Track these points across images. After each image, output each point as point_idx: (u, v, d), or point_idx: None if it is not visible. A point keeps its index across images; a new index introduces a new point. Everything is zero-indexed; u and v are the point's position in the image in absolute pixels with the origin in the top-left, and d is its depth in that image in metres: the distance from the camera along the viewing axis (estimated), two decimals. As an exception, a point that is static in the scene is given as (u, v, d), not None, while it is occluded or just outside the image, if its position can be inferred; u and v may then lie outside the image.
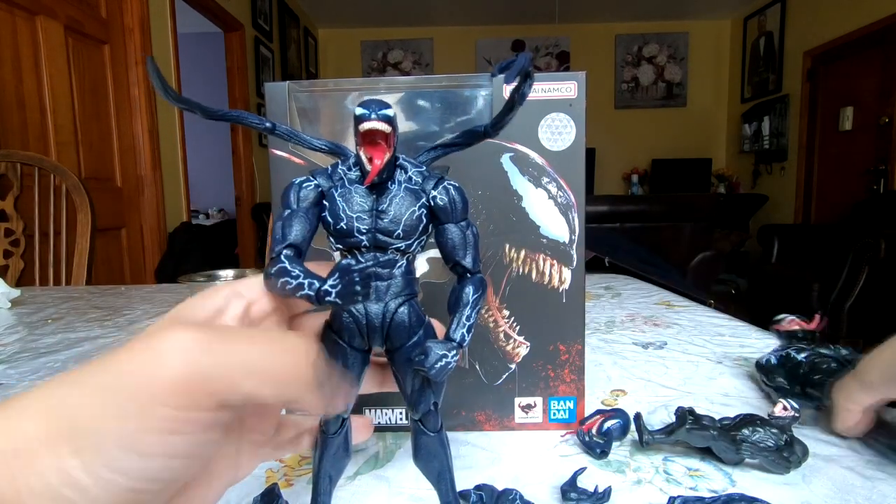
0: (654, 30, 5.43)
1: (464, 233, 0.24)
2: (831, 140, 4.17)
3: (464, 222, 0.24)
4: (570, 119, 0.38)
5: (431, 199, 0.24)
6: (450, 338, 0.24)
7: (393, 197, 0.23)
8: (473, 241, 0.24)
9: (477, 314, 0.24)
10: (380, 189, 0.23)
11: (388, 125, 0.21)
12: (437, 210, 0.24)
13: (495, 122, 0.23)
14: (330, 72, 5.51)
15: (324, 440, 0.25)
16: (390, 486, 0.34)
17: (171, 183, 2.74)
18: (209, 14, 3.25)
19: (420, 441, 0.26)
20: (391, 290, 0.23)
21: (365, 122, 0.21)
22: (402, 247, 0.23)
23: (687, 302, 0.84)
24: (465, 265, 0.24)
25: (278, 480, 0.35)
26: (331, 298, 0.20)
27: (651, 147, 5.48)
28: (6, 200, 1.36)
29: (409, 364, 0.24)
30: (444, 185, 0.24)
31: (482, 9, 5.00)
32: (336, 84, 0.39)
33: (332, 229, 0.23)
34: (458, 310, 0.24)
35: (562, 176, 0.38)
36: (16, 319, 0.81)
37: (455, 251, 0.24)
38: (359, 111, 0.21)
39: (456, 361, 0.23)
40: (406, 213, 0.23)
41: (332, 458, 0.25)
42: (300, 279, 0.21)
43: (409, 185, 0.24)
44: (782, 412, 0.35)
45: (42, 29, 1.94)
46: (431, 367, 0.23)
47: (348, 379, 0.24)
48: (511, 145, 0.38)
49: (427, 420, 0.26)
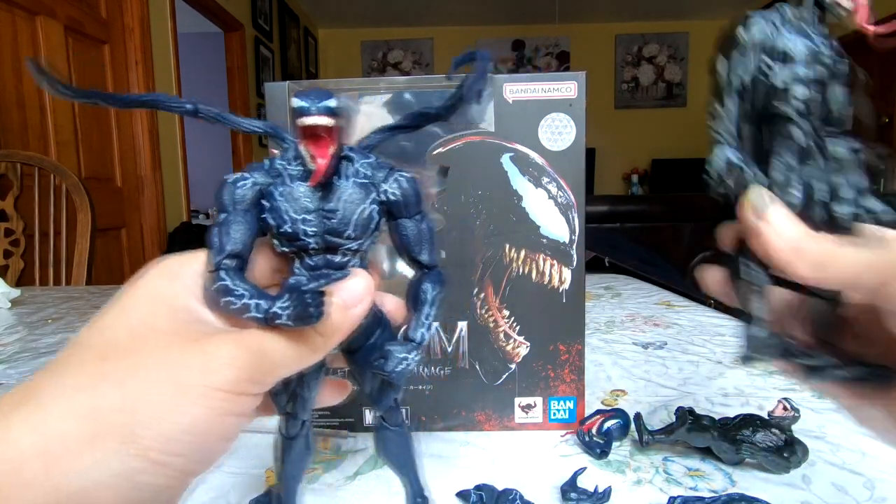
0: (654, 30, 5.43)
1: (419, 227, 0.23)
2: (831, 140, 4.18)
3: (419, 216, 0.23)
4: (570, 119, 0.38)
5: (383, 194, 0.22)
6: (409, 338, 0.23)
7: (341, 194, 0.21)
8: (429, 235, 0.23)
9: (438, 311, 0.23)
10: (326, 186, 0.21)
11: (331, 118, 0.19)
12: (391, 205, 0.22)
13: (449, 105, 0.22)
14: (330, 72, 5.51)
15: (285, 444, 0.25)
16: (390, 486, 0.34)
17: (171, 183, 2.74)
18: (209, 14, 3.25)
19: (383, 435, 0.26)
20: None
21: (305, 116, 0.19)
22: (354, 247, 0.22)
23: (687, 302, 0.84)
24: (422, 260, 0.23)
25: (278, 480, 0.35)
26: (282, 322, 0.19)
27: (651, 147, 5.48)
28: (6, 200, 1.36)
29: (368, 366, 0.23)
30: (396, 178, 0.22)
31: (482, 9, 5.00)
32: (336, 84, 0.39)
33: (276, 231, 0.21)
34: (418, 308, 0.23)
35: (562, 176, 0.38)
36: (16, 319, 0.81)
37: (411, 247, 0.23)
38: (297, 103, 0.19)
39: (416, 362, 0.22)
40: (356, 212, 0.21)
41: (293, 461, 0.25)
42: (245, 300, 0.19)
43: (358, 178, 0.21)
44: (782, 412, 0.35)
45: (42, 29, 1.94)
46: (392, 372, 0.22)
47: None
48: (511, 145, 0.38)
49: (389, 416, 0.26)
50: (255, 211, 0.21)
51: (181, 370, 0.18)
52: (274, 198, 0.21)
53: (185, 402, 0.17)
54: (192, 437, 0.18)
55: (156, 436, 0.17)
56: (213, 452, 0.19)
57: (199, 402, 0.18)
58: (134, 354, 0.18)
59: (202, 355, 0.18)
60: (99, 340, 0.19)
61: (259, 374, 0.19)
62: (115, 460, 0.16)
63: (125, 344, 0.18)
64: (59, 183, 1.36)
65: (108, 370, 0.17)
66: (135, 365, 0.18)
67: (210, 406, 0.18)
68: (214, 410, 0.18)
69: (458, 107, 0.22)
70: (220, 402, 0.18)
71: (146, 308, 0.19)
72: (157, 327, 0.19)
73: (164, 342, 0.18)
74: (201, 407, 0.18)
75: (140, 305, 0.19)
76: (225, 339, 0.19)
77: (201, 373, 0.18)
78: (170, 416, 0.17)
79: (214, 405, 0.18)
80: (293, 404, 0.24)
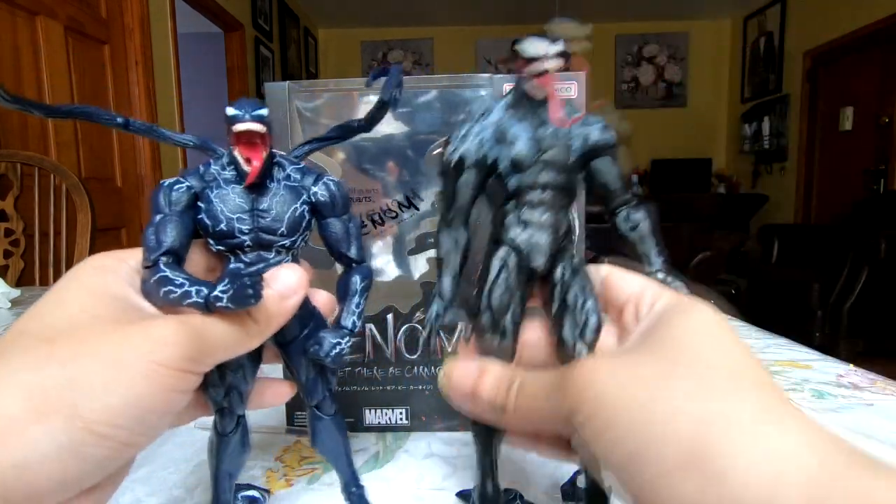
0: (654, 30, 5.43)
1: (346, 225, 0.25)
2: (831, 140, 4.17)
3: (346, 216, 0.25)
4: (570, 119, 0.38)
5: (313, 196, 0.24)
6: (341, 325, 0.24)
7: (273, 195, 0.23)
8: (356, 233, 0.25)
9: (365, 301, 0.25)
10: (259, 188, 0.23)
11: (262, 125, 0.21)
12: (320, 206, 0.24)
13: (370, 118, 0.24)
14: (330, 72, 5.51)
15: (220, 440, 0.25)
16: (390, 486, 0.34)
17: (171, 183, 2.73)
18: (209, 14, 3.25)
19: (317, 426, 0.27)
20: None
21: (239, 122, 0.21)
22: (287, 244, 0.23)
23: (687, 302, 0.84)
24: (350, 256, 0.25)
25: (278, 480, 0.35)
26: (222, 304, 0.20)
27: (651, 147, 5.48)
28: (6, 200, 1.36)
29: (303, 355, 0.25)
30: (325, 182, 0.24)
31: (482, 9, 5.01)
32: (336, 84, 0.39)
33: (211, 231, 0.22)
34: (348, 298, 0.25)
35: (562, 176, 0.38)
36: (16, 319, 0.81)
37: (339, 244, 0.25)
38: (231, 111, 0.21)
39: (350, 347, 0.24)
40: (288, 211, 0.23)
41: (229, 457, 0.25)
42: (185, 287, 0.20)
43: (289, 182, 0.24)
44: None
45: (42, 29, 1.94)
46: (327, 356, 0.23)
47: None
48: (511, 145, 0.38)
49: (322, 406, 0.26)
50: (190, 213, 0.22)
51: (124, 348, 0.18)
52: (209, 199, 0.22)
53: (128, 377, 0.18)
54: (136, 411, 0.18)
55: (101, 410, 0.17)
56: (155, 427, 0.20)
57: (143, 378, 0.18)
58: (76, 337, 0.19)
59: (145, 334, 0.19)
60: (39, 326, 0.19)
61: (199, 354, 0.20)
62: (62, 434, 0.17)
63: (66, 330, 0.19)
64: (59, 183, 1.36)
65: (53, 352, 0.18)
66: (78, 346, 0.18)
67: (153, 381, 0.18)
68: (157, 386, 0.19)
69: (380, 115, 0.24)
70: (162, 377, 0.19)
71: (84, 298, 0.20)
72: (96, 314, 0.20)
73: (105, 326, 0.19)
74: (145, 382, 0.18)
75: (78, 296, 0.20)
76: (167, 319, 0.20)
77: (145, 350, 0.19)
78: (114, 392, 0.18)
79: (157, 380, 0.19)
80: (229, 398, 0.24)
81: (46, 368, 0.18)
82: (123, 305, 0.21)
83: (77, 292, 0.20)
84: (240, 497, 0.31)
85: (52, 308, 0.20)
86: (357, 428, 0.41)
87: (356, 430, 0.41)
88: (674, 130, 5.54)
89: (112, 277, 0.21)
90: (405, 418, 0.41)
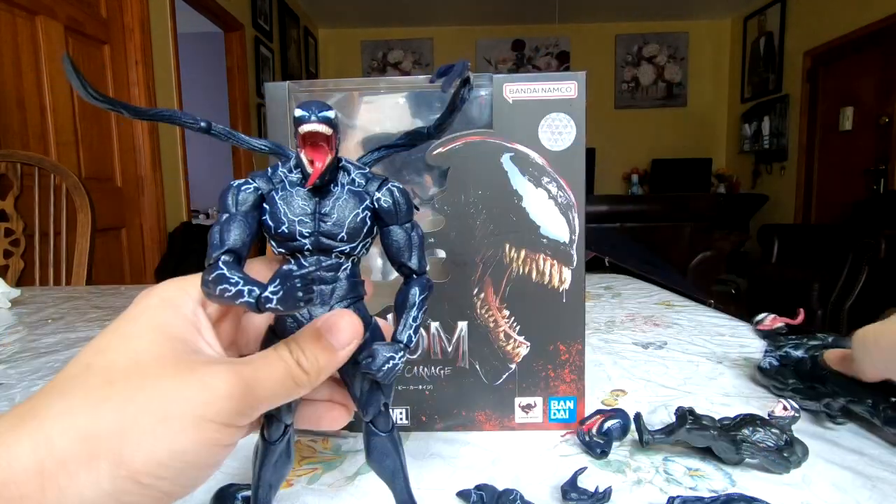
0: (654, 30, 5.43)
1: (409, 234, 0.24)
2: (831, 140, 4.17)
3: (408, 224, 0.24)
4: (570, 119, 0.38)
5: (375, 202, 0.23)
6: (396, 339, 0.23)
7: (336, 199, 0.23)
8: (419, 243, 0.24)
9: (424, 315, 0.24)
10: (322, 192, 0.23)
11: (328, 127, 0.21)
12: (382, 212, 0.23)
13: (438, 124, 0.23)
14: (330, 72, 5.51)
15: (265, 448, 0.25)
16: (390, 486, 0.34)
17: (171, 183, 2.74)
18: (209, 14, 3.25)
19: (372, 442, 0.26)
20: (336, 294, 0.23)
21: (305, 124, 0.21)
22: (347, 249, 0.23)
23: (687, 302, 0.84)
24: (410, 266, 0.24)
25: (278, 480, 0.35)
26: (272, 305, 0.19)
27: (651, 147, 5.48)
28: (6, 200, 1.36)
29: (356, 367, 0.23)
30: (388, 188, 0.23)
31: (482, 9, 5.00)
32: (336, 84, 0.39)
33: (273, 233, 0.22)
34: (405, 311, 0.24)
35: (562, 176, 0.38)
36: (16, 319, 0.81)
37: (400, 253, 0.24)
38: (298, 113, 0.21)
39: (403, 363, 0.23)
40: (350, 216, 0.22)
41: (272, 467, 0.25)
42: (239, 286, 0.20)
43: (353, 187, 0.23)
44: (782, 412, 0.35)
45: (42, 29, 1.94)
46: (379, 370, 0.22)
47: None
48: (511, 145, 0.38)
49: (378, 421, 0.26)
50: (255, 213, 0.22)
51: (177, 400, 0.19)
52: (274, 201, 0.22)
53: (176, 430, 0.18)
54: (180, 464, 0.18)
55: (146, 460, 0.18)
56: (197, 478, 0.20)
57: (190, 432, 0.18)
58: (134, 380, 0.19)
59: (200, 386, 0.19)
60: (102, 363, 0.19)
61: (248, 407, 0.20)
62: (107, 482, 0.17)
63: (127, 370, 0.19)
64: (59, 183, 1.36)
65: (110, 395, 0.18)
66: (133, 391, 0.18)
67: (200, 436, 0.19)
68: (204, 440, 0.19)
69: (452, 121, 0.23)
70: (210, 432, 0.19)
71: (147, 337, 0.20)
72: (156, 356, 0.20)
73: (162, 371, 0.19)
74: (192, 436, 0.18)
75: (141, 334, 0.20)
76: (222, 369, 0.20)
77: (196, 403, 0.19)
78: (160, 444, 0.18)
79: (205, 436, 0.19)
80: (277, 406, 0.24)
81: (102, 412, 0.18)
82: (184, 348, 0.21)
83: (140, 329, 0.21)
84: (239, 497, 0.31)
85: (117, 343, 0.20)
86: (356, 428, 0.41)
87: (355, 430, 0.41)
88: (674, 130, 5.54)
89: (175, 314, 0.21)
90: (405, 418, 0.41)
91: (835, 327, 2.64)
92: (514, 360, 0.41)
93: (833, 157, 4.16)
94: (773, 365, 0.45)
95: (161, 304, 0.21)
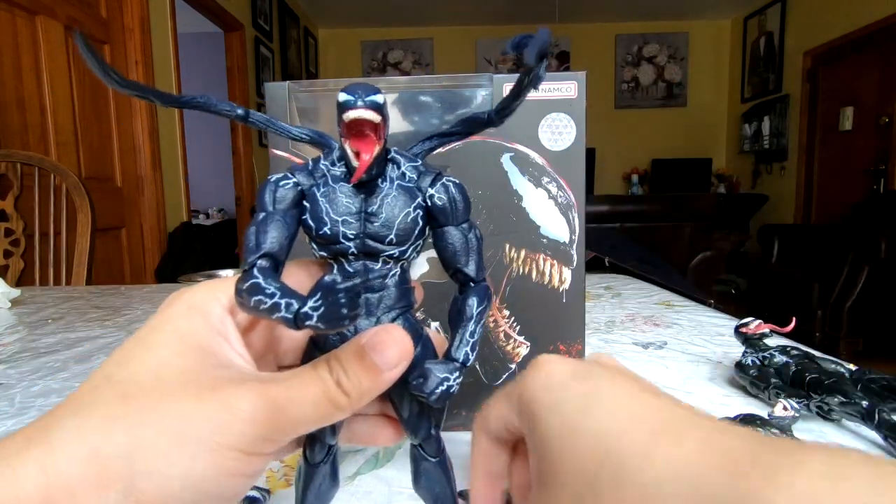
0: (654, 30, 5.43)
1: (465, 236, 0.21)
2: (831, 140, 4.17)
3: (465, 224, 0.21)
4: (570, 119, 0.38)
5: (429, 199, 0.20)
6: (451, 357, 0.21)
7: (384, 197, 0.20)
8: (476, 246, 0.21)
9: (482, 329, 0.21)
10: (369, 187, 0.20)
11: (377, 113, 0.18)
12: (436, 211, 0.20)
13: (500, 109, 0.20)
14: (330, 72, 5.51)
15: (308, 470, 0.23)
16: (390, 486, 0.34)
17: (171, 183, 2.74)
18: (209, 14, 3.25)
19: (420, 467, 0.24)
20: (383, 303, 0.21)
21: (350, 109, 0.18)
22: (396, 254, 0.20)
23: (687, 302, 0.84)
24: (467, 273, 0.21)
25: (278, 481, 0.35)
26: (311, 323, 0.17)
27: (651, 147, 5.48)
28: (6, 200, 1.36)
29: (405, 387, 0.20)
30: (443, 183, 0.21)
31: (482, 9, 5.00)
32: (336, 84, 0.39)
33: (315, 234, 0.20)
34: (461, 325, 0.21)
35: (562, 176, 0.38)
36: (16, 319, 0.81)
37: (456, 257, 0.21)
38: (342, 97, 0.18)
39: (458, 384, 0.20)
40: (400, 216, 0.20)
41: (317, 490, 0.23)
42: (276, 298, 0.17)
43: (403, 182, 0.20)
44: (782, 412, 0.35)
45: (42, 29, 1.94)
46: (431, 393, 0.20)
47: None
48: (511, 145, 0.38)
49: (427, 444, 0.23)
50: (295, 212, 0.20)
51: (194, 421, 0.17)
52: (315, 199, 0.20)
53: (191, 455, 0.16)
54: (194, 495, 0.17)
55: (158, 488, 0.16)
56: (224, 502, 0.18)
57: (207, 459, 0.17)
58: (152, 397, 0.17)
59: (221, 407, 0.17)
60: (122, 375, 0.18)
61: (276, 433, 0.18)
62: None
63: (147, 384, 0.17)
64: (58, 183, 1.36)
65: (125, 413, 0.17)
66: (149, 410, 0.17)
67: (218, 464, 0.17)
68: (222, 469, 0.17)
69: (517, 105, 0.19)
70: (230, 460, 0.17)
71: (174, 345, 0.19)
72: (180, 369, 0.18)
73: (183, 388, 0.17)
74: (209, 464, 0.17)
75: (165, 344, 0.19)
76: (248, 389, 0.18)
77: (215, 427, 0.17)
78: (173, 471, 0.16)
79: (223, 464, 0.17)
80: None
81: (114, 432, 0.16)
82: (211, 361, 0.19)
83: (168, 337, 0.19)
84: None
85: (140, 353, 0.19)
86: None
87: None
88: (674, 130, 5.54)
89: (202, 322, 0.19)
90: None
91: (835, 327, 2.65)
92: (514, 360, 0.40)
93: (833, 157, 4.16)
94: (754, 363, 0.45)
95: (188, 312, 0.19)
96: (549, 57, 0.18)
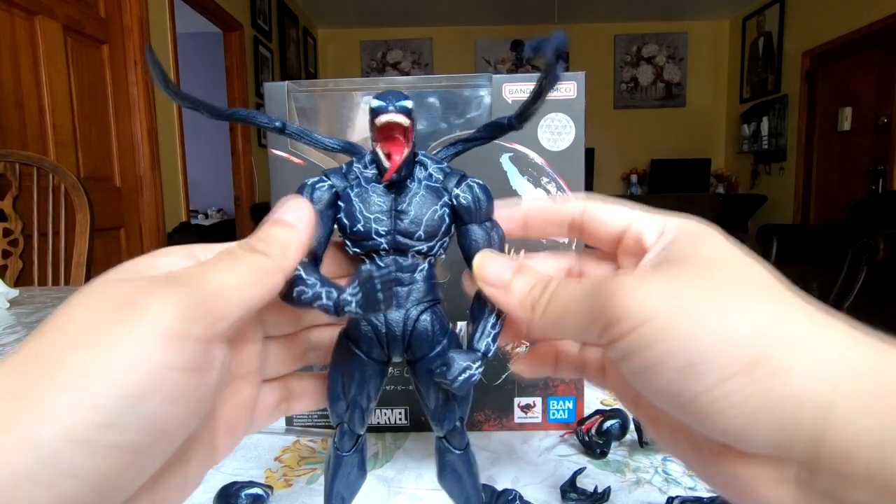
0: (653, 30, 5.43)
1: (488, 234, 0.22)
2: (830, 140, 4.18)
3: (488, 223, 0.22)
4: (569, 119, 0.38)
5: (454, 198, 0.22)
6: (473, 348, 0.22)
7: (413, 196, 0.21)
8: (499, 243, 0.23)
9: (503, 322, 0.22)
10: (399, 188, 0.22)
11: (407, 118, 0.20)
12: (461, 210, 0.22)
13: (521, 113, 0.21)
14: (329, 72, 5.51)
15: (336, 459, 0.24)
16: (390, 486, 0.34)
17: (171, 183, 2.73)
18: (208, 14, 3.25)
19: (446, 460, 0.24)
20: (412, 297, 0.22)
21: (382, 114, 0.19)
22: (424, 249, 0.22)
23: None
24: None
25: (278, 480, 0.35)
26: (351, 308, 0.19)
27: (650, 147, 5.48)
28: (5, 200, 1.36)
29: (431, 376, 0.22)
30: (468, 183, 0.22)
31: (482, 9, 5.00)
32: (335, 84, 0.39)
33: (349, 231, 0.21)
34: (483, 318, 0.22)
35: (561, 176, 0.38)
36: (14, 319, 0.81)
37: None
38: (375, 103, 0.20)
39: (480, 373, 0.21)
40: (427, 213, 0.21)
41: (346, 479, 0.24)
42: (316, 288, 0.19)
43: (430, 182, 0.22)
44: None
45: (41, 29, 1.93)
46: (454, 380, 0.21)
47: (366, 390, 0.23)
48: (511, 145, 0.38)
49: (453, 437, 0.24)
50: (330, 212, 0.22)
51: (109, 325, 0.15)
52: (349, 199, 0.22)
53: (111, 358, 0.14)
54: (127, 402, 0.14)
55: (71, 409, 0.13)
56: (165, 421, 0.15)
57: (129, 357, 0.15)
58: None
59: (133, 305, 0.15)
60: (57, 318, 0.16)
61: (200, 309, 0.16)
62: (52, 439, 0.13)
63: None
64: (57, 183, 1.36)
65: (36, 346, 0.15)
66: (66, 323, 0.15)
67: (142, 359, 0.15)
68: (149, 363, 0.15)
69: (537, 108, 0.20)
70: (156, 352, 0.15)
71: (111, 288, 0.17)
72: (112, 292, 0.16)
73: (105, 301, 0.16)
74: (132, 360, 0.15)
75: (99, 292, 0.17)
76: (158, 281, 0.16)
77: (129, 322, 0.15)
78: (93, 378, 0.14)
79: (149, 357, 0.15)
80: (350, 414, 0.23)
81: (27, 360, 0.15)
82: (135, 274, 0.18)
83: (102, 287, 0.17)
84: (243, 495, 0.31)
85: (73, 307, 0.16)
86: (356, 428, 0.41)
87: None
88: (673, 130, 5.54)
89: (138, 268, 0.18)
90: (405, 418, 0.41)
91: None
92: (513, 361, 0.41)
93: (832, 157, 4.17)
94: None
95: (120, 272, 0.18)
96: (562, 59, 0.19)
